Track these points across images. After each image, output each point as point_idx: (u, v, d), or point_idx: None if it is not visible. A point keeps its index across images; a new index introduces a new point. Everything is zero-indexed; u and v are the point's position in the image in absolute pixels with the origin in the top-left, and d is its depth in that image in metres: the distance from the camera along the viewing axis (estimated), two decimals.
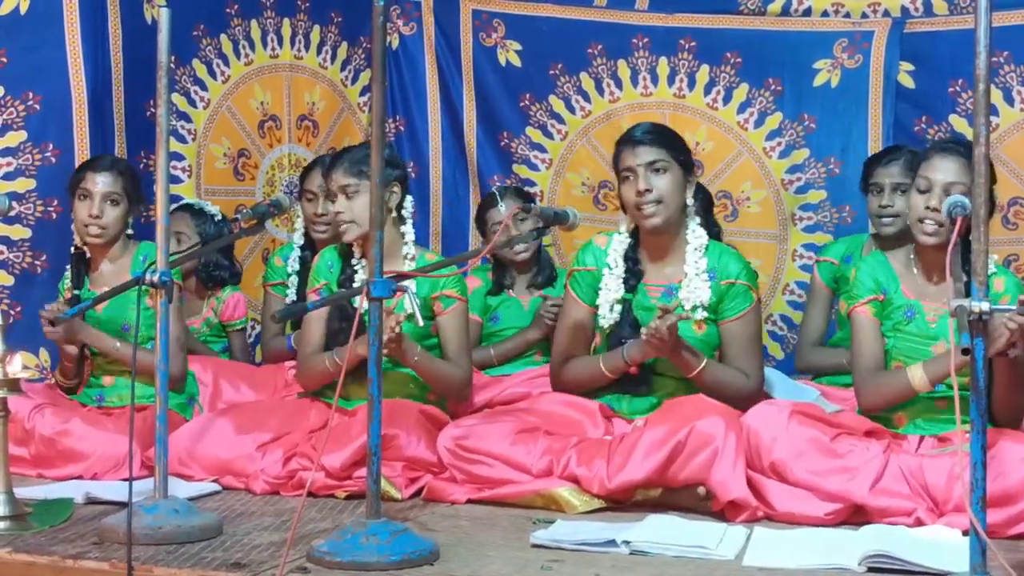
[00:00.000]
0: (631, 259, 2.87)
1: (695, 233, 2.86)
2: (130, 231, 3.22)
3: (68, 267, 3.26)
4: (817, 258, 3.80)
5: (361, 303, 2.19)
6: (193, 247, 3.56)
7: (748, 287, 2.84)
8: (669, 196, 2.81)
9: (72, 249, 3.25)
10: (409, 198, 3.01)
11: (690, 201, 2.87)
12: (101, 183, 3.12)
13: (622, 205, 2.89)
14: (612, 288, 2.85)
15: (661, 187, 2.80)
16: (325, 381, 2.99)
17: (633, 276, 2.86)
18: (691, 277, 2.82)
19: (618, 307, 2.85)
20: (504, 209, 3.74)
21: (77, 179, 3.18)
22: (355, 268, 3.03)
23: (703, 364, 2.77)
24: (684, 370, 2.78)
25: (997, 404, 2.54)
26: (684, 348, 2.76)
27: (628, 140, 2.85)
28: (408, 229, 2.99)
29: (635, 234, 2.91)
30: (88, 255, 3.22)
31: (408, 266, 2.94)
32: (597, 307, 2.88)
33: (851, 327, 2.79)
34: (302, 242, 3.80)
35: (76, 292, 3.17)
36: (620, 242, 2.90)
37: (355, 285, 2.97)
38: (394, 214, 2.97)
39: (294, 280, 3.72)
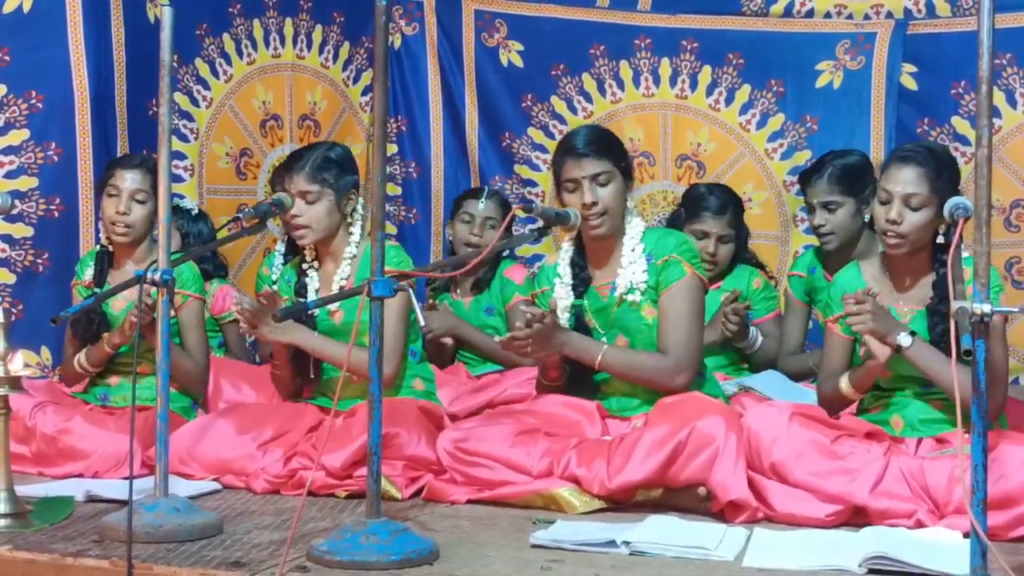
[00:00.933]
0: (577, 266, 2.89)
1: (631, 224, 2.87)
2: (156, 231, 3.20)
3: (88, 257, 3.25)
4: (788, 272, 3.80)
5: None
6: (197, 246, 3.57)
7: (680, 261, 2.80)
8: (614, 206, 2.82)
9: (98, 246, 3.24)
10: (361, 200, 3.04)
11: (630, 204, 2.89)
12: (130, 180, 3.10)
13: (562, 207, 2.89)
14: (563, 296, 2.87)
15: (606, 198, 2.80)
16: (285, 389, 3.06)
17: (581, 283, 2.88)
18: (626, 267, 2.82)
19: (568, 314, 2.86)
20: (483, 207, 3.76)
21: (106, 176, 3.16)
22: (307, 273, 3.04)
23: (602, 353, 2.75)
24: (587, 362, 2.77)
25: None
26: (573, 342, 2.75)
27: (571, 151, 2.82)
28: (355, 230, 3.01)
29: (579, 239, 2.92)
30: (112, 252, 3.20)
31: (346, 265, 2.99)
32: None
33: (824, 339, 2.81)
34: (284, 248, 3.80)
35: (97, 289, 3.16)
36: (566, 251, 2.92)
37: (309, 295, 2.99)
38: (348, 219, 2.99)
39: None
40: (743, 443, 2.54)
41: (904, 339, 2.53)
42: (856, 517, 2.48)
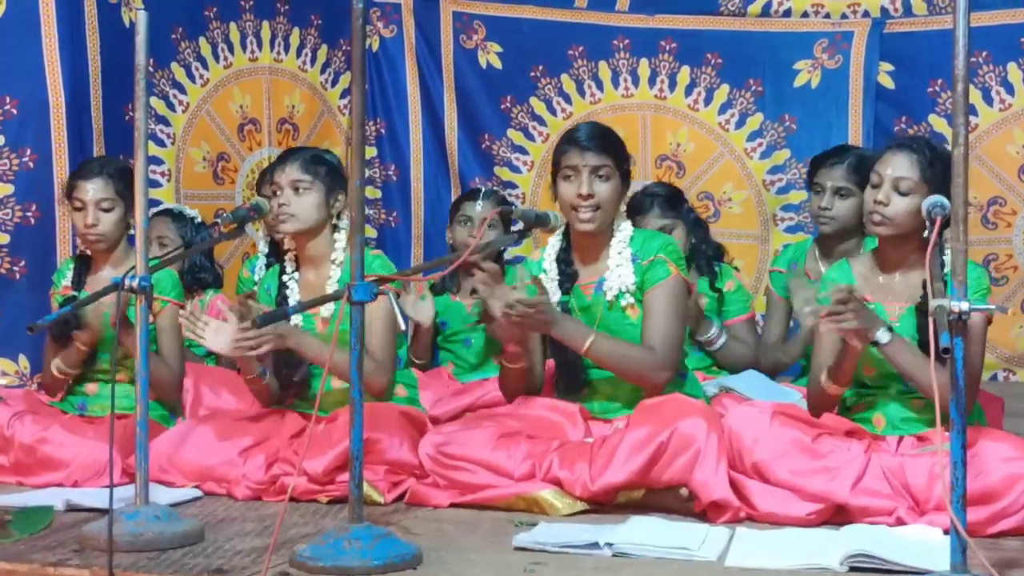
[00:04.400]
0: (564, 262, 2.89)
1: (620, 227, 2.88)
2: (132, 231, 3.17)
3: (67, 262, 3.22)
4: (769, 268, 3.81)
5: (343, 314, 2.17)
6: (174, 251, 3.55)
7: (664, 260, 2.81)
8: (608, 203, 2.81)
9: (76, 251, 3.21)
10: (346, 210, 3.03)
11: (622, 207, 2.89)
12: (92, 191, 3.05)
13: (554, 198, 2.88)
14: (549, 292, 2.85)
15: (603, 194, 2.80)
16: (264, 396, 3.02)
17: (567, 279, 2.87)
18: (613, 268, 2.83)
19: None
20: (481, 208, 3.74)
21: (70, 188, 3.12)
22: (287, 284, 3.03)
23: (591, 339, 2.74)
24: (572, 347, 2.76)
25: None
26: (563, 323, 2.73)
27: (575, 140, 2.83)
28: (339, 235, 3.01)
29: (567, 235, 2.92)
30: (89, 257, 3.17)
31: (335, 271, 2.97)
32: None
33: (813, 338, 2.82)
34: (267, 250, 3.79)
35: (75, 293, 3.14)
36: (553, 246, 2.92)
37: (290, 302, 2.98)
38: (334, 220, 2.99)
39: None
40: (724, 443, 2.54)
41: (882, 335, 2.54)
42: (837, 515, 2.49)
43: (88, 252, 3.16)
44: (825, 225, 3.46)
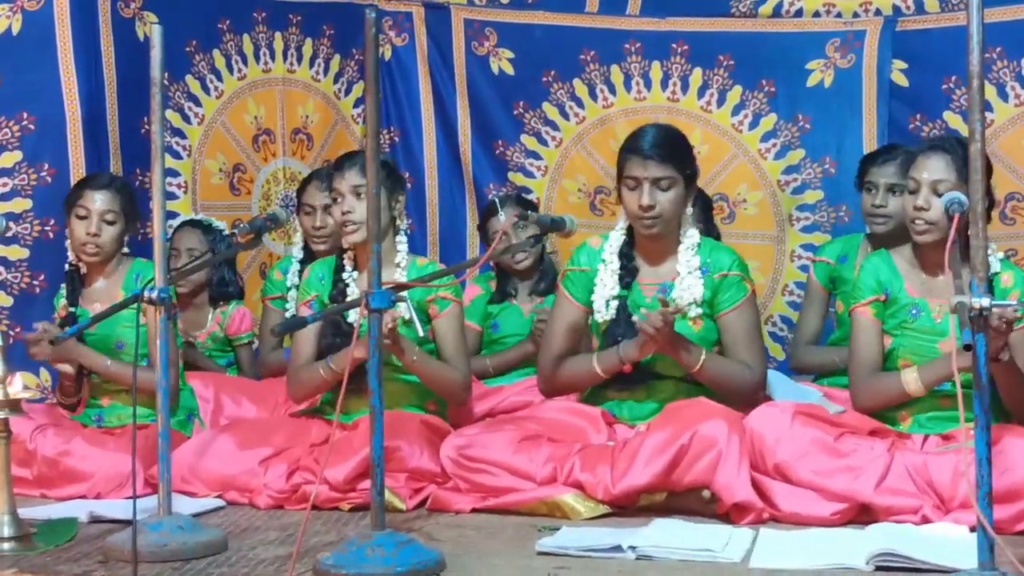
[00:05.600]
0: (626, 256, 2.87)
1: (688, 233, 2.87)
2: (126, 249, 3.20)
3: (63, 284, 3.25)
4: (813, 258, 3.80)
5: (360, 315, 2.18)
6: (190, 263, 3.56)
7: (741, 277, 2.83)
8: (670, 213, 2.81)
9: (67, 265, 3.23)
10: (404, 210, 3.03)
11: (689, 210, 2.88)
12: (99, 201, 3.09)
13: (619, 202, 2.88)
14: (608, 284, 2.84)
15: (664, 204, 2.80)
16: (320, 391, 3.00)
17: (628, 273, 2.86)
18: (684, 276, 2.82)
19: (614, 303, 2.84)
20: (504, 218, 3.74)
21: (75, 196, 3.14)
22: (346, 282, 3.02)
23: (703, 357, 2.75)
24: (685, 366, 2.76)
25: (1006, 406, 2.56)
26: (682, 343, 2.74)
27: (638, 150, 2.80)
28: (401, 238, 3.00)
29: (631, 231, 2.91)
30: (82, 271, 3.19)
31: (399, 274, 2.95)
32: (591, 306, 2.87)
33: (851, 326, 2.79)
34: (301, 256, 3.79)
35: (72, 309, 3.16)
36: (616, 238, 2.90)
37: (348, 298, 2.97)
38: (396, 222, 2.98)
39: (294, 294, 3.70)
40: (746, 445, 2.54)
41: None
42: (862, 515, 2.48)
43: (78, 265, 3.17)
44: (879, 225, 3.45)
